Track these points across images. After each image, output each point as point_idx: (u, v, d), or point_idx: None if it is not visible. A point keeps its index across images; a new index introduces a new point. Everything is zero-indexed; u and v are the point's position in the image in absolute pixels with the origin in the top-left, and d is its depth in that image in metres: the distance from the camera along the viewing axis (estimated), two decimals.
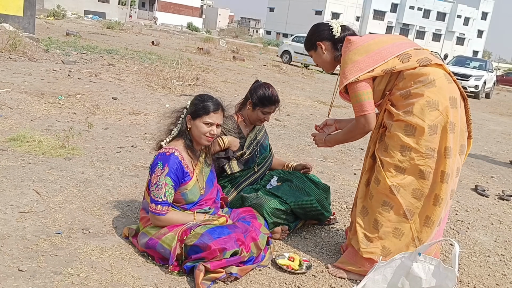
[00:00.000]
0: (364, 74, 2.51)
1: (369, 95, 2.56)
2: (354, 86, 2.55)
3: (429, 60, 2.50)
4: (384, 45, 2.57)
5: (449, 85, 2.49)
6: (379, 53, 2.54)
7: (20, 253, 2.46)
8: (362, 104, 2.56)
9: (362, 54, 2.53)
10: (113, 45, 15.80)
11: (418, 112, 2.41)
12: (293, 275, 2.66)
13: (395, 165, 2.48)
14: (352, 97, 2.59)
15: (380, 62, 2.52)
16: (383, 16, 63.28)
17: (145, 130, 5.47)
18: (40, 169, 3.67)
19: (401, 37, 2.74)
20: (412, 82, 2.48)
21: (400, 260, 2.06)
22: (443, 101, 2.41)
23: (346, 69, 2.56)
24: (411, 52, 2.55)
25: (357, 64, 2.53)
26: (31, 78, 7.37)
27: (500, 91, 27.63)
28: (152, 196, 2.53)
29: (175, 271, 2.48)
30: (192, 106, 2.65)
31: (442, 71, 2.54)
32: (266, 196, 3.09)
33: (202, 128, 2.61)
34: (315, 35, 2.79)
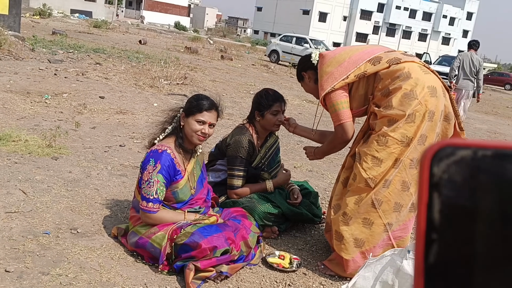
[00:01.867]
0: (339, 82, 2.60)
1: (345, 105, 2.63)
2: (330, 96, 2.64)
3: (398, 60, 2.54)
4: (355, 53, 2.67)
5: (426, 75, 2.52)
6: (350, 61, 2.63)
7: (6, 254, 2.42)
8: (338, 113, 2.65)
9: (335, 65, 2.64)
10: (100, 44, 15.67)
11: (397, 105, 2.44)
12: (284, 273, 2.66)
13: (371, 154, 2.50)
14: (329, 107, 2.68)
15: (353, 68, 2.60)
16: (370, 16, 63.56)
17: (133, 129, 5.43)
18: (26, 169, 3.62)
19: (372, 45, 2.86)
20: (390, 79, 2.51)
21: (389, 256, 2.06)
22: (420, 91, 2.43)
23: (322, 81, 2.67)
24: (382, 55, 2.62)
25: (331, 75, 2.63)
26: (17, 77, 7.28)
27: (485, 90, 27.92)
28: (143, 193, 2.51)
29: (165, 271, 2.47)
30: (187, 104, 2.64)
31: (416, 64, 2.58)
32: (258, 200, 3.08)
33: (194, 126, 2.57)
34: (300, 67, 3.00)
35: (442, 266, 0.34)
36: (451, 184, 0.34)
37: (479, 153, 0.34)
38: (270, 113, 3.12)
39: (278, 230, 3.15)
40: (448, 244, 0.34)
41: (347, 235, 2.59)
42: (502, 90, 32.91)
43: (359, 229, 2.58)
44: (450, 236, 0.34)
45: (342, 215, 2.61)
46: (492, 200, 0.34)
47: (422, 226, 0.35)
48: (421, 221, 0.35)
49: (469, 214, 0.34)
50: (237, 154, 3.08)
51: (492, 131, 10.68)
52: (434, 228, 0.34)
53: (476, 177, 0.34)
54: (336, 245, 2.65)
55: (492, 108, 17.14)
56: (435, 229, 0.34)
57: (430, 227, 0.34)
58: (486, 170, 0.34)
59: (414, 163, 2.50)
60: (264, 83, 12.64)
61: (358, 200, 2.56)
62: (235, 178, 3.11)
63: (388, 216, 2.55)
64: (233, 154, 3.09)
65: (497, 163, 0.34)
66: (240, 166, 3.11)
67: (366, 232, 2.58)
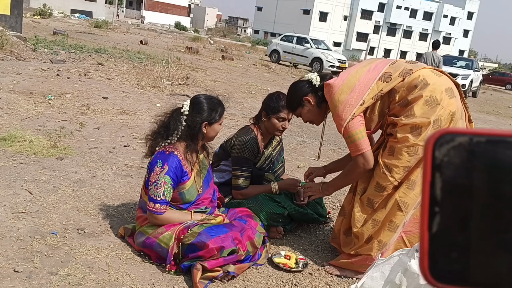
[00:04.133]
0: (357, 108, 2.50)
1: (363, 133, 2.54)
2: (348, 126, 2.53)
3: (410, 70, 2.51)
4: (362, 74, 2.56)
5: (440, 79, 2.52)
6: (361, 84, 2.53)
7: (15, 254, 2.44)
8: (357, 143, 2.54)
9: (347, 91, 2.52)
10: (102, 44, 15.68)
11: (420, 113, 2.41)
12: (290, 273, 2.68)
13: (404, 166, 2.48)
14: (346, 137, 2.57)
15: (366, 91, 2.51)
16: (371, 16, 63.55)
17: (136, 129, 5.44)
18: (32, 169, 3.64)
19: (371, 60, 2.72)
20: (406, 90, 2.48)
21: (398, 257, 2.07)
22: (440, 95, 2.43)
23: (339, 111, 2.53)
24: (389, 69, 2.55)
25: (347, 103, 2.51)
26: (20, 78, 7.29)
27: (486, 90, 27.95)
28: (151, 194, 2.52)
29: (172, 270, 2.49)
30: (210, 113, 2.64)
31: (428, 69, 2.57)
32: (264, 200, 3.09)
33: (219, 129, 2.73)
34: (298, 93, 2.78)
35: (444, 234, 0.41)
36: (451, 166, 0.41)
37: (474, 139, 0.41)
38: (276, 117, 3.10)
39: (284, 230, 3.16)
40: (448, 216, 0.41)
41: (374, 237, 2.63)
42: (503, 90, 32.92)
43: (385, 233, 2.59)
44: (450, 209, 0.41)
45: (372, 222, 2.62)
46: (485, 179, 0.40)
47: (426, 201, 0.41)
48: (425, 197, 0.41)
49: (466, 190, 0.41)
50: (241, 155, 3.10)
51: None
52: (436, 203, 0.41)
53: (471, 159, 0.41)
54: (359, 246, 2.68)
55: (493, 108, 17.15)
56: (437, 203, 0.41)
57: (433, 202, 0.41)
58: (480, 153, 0.41)
59: None
60: (266, 83, 12.66)
61: (385, 203, 2.57)
62: (240, 178, 3.13)
63: (408, 216, 2.59)
64: (238, 155, 3.11)
65: (490, 148, 0.41)
66: (244, 167, 3.12)
67: (390, 235, 2.60)
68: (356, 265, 2.72)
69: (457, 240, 0.41)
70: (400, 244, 2.69)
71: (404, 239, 2.69)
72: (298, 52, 22.01)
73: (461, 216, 0.41)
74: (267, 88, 11.56)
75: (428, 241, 0.41)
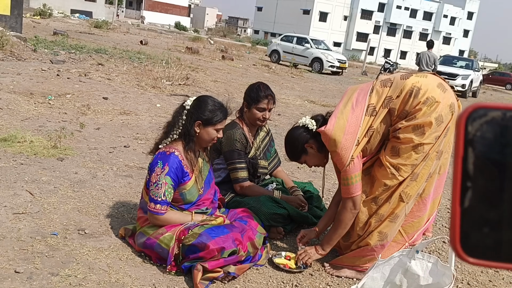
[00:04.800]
0: (354, 150, 2.51)
1: (358, 177, 2.56)
2: (347, 169, 2.54)
3: (391, 98, 2.51)
4: (348, 113, 2.54)
5: (428, 79, 2.54)
6: (351, 124, 2.52)
7: (16, 255, 2.44)
8: (350, 187, 2.56)
9: (340, 135, 2.51)
10: (102, 44, 15.69)
11: (421, 115, 2.43)
12: (290, 274, 2.68)
13: (412, 164, 2.50)
14: (343, 179, 2.58)
15: (357, 130, 2.52)
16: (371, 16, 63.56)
17: (137, 130, 5.45)
18: (32, 170, 3.64)
19: (349, 94, 2.65)
20: (402, 104, 2.49)
21: (398, 257, 2.08)
22: (434, 93, 2.45)
23: (338, 155, 2.53)
24: (372, 101, 2.54)
25: (343, 146, 2.50)
26: (20, 78, 7.29)
27: (486, 90, 27.96)
28: (151, 195, 2.53)
29: (172, 271, 2.49)
30: (203, 113, 2.60)
31: (413, 75, 2.58)
32: (264, 201, 3.09)
33: (213, 135, 2.64)
34: (299, 142, 2.75)
35: (476, 209, 0.41)
36: (483, 141, 0.41)
37: (507, 114, 0.41)
38: (256, 108, 3.15)
39: (284, 231, 3.17)
40: (481, 190, 0.41)
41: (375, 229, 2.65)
42: (503, 90, 32.94)
43: (385, 223, 2.62)
44: (482, 184, 0.41)
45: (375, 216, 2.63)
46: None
47: (458, 176, 0.41)
48: (458, 172, 0.41)
49: (498, 165, 0.40)
50: (232, 148, 3.13)
51: None
52: (468, 178, 0.41)
53: (504, 134, 0.41)
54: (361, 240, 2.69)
55: None
56: (470, 178, 0.41)
57: (465, 176, 0.41)
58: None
59: (439, 154, 2.54)
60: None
61: (389, 197, 2.59)
62: (238, 170, 3.15)
63: (409, 207, 2.61)
64: (229, 149, 3.14)
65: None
66: (239, 159, 3.15)
67: (391, 226, 2.62)
68: (355, 258, 2.73)
69: (489, 215, 0.40)
70: (397, 236, 2.71)
71: (400, 229, 2.70)
72: (298, 52, 22.02)
73: (494, 191, 0.40)
74: None
75: (460, 216, 0.41)
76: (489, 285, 2.92)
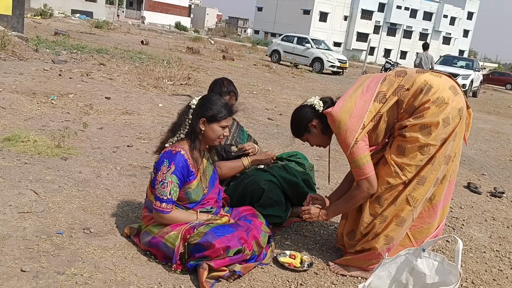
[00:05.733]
0: (359, 133, 2.52)
1: (367, 158, 2.56)
2: (352, 151, 2.54)
3: (402, 87, 2.52)
4: (357, 98, 2.57)
5: (442, 79, 2.55)
6: (358, 107, 2.54)
7: (21, 254, 2.44)
8: (362, 168, 2.55)
9: (347, 117, 2.53)
10: (103, 44, 15.70)
11: (429, 115, 2.44)
12: (295, 273, 2.69)
13: (416, 164, 2.50)
14: (351, 162, 2.59)
15: (365, 114, 2.53)
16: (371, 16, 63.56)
17: (139, 129, 5.45)
18: (37, 169, 3.65)
19: (362, 81, 2.69)
20: (412, 98, 2.50)
21: (404, 256, 2.08)
22: (445, 94, 2.46)
23: (342, 137, 2.55)
24: (383, 88, 2.56)
25: (348, 128, 2.53)
26: (22, 78, 7.30)
27: (486, 90, 27.97)
28: (157, 193, 2.53)
29: (178, 270, 2.49)
30: (207, 110, 2.60)
31: (428, 73, 2.59)
32: (256, 172, 3.19)
33: (219, 132, 2.62)
34: (303, 120, 2.79)
35: None
36: None
37: None
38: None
39: (279, 224, 3.18)
40: None
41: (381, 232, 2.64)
42: (503, 90, 32.95)
43: (392, 227, 2.61)
44: None
45: (380, 218, 2.62)
46: None
47: None
48: None
49: None
50: None
51: (494, 130, 10.70)
52: None
53: None
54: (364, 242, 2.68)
55: (494, 108, 17.16)
56: None
57: None
58: None
59: (447, 159, 2.54)
60: (267, 83, 12.67)
61: (394, 199, 2.59)
62: None
63: (417, 211, 2.61)
64: None
65: None
66: None
67: (398, 230, 2.61)
68: (361, 261, 2.73)
69: None
70: (405, 240, 2.70)
71: (409, 234, 2.70)
72: (299, 52, 22.04)
73: None
74: (268, 88, 11.58)
75: None
76: (493, 284, 2.92)
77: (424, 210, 2.67)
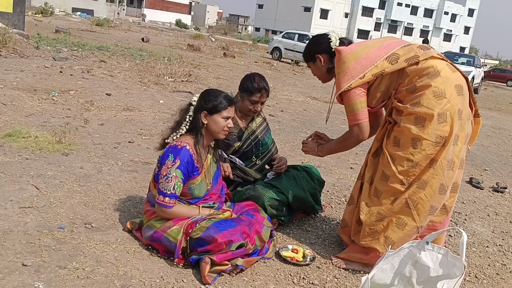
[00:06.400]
0: (355, 81, 2.53)
1: (363, 104, 2.58)
2: (348, 94, 2.57)
3: (417, 58, 2.50)
4: (372, 49, 2.58)
5: (454, 74, 2.51)
6: (367, 58, 2.55)
7: (23, 248, 2.43)
8: (356, 113, 2.59)
9: (351, 62, 2.56)
10: (103, 42, 15.69)
11: (426, 103, 2.41)
12: (298, 267, 2.67)
13: (407, 158, 2.48)
14: (346, 106, 2.61)
15: (370, 66, 2.53)
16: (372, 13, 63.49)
17: (141, 126, 5.44)
18: (38, 165, 3.64)
19: (388, 38, 2.74)
20: (417, 76, 2.48)
21: (408, 249, 2.07)
22: (449, 89, 2.43)
23: (338, 78, 2.60)
24: (399, 51, 2.55)
25: (348, 72, 2.55)
26: (23, 75, 7.29)
27: (488, 87, 27.91)
28: (161, 188, 2.52)
29: (180, 264, 2.48)
30: (207, 103, 2.60)
31: (444, 62, 2.56)
32: (263, 188, 3.09)
33: (221, 123, 2.62)
34: (314, 48, 2.82)
35: None
36: None
37: None
38: (248, 100, 3.15)
39: (280, 223, 3.16)
40: None
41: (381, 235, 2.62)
42: (504, 87, 32.87)
43: (392, 228, 2.59)
44: None
45: (377, 215, 2.61)
46: None
47: None
48: None
49: None
50: None
51: (496, 126, 10.67)
52: None
53: None
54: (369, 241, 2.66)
55: (495, 104, 17.13)
56: None
57: None
58: None
59: (450, 164, 2.48)
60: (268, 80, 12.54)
61: (393, 200, 2.56)
62: None
63: (423, 219, 2.55)
64: None
65: None
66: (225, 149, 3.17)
67: (398, 232, 2.57)
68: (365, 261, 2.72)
69: None
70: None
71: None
72: (300, 49, 21.93)
73: None
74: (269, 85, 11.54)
75: None
76: (496, 278, 2.91)
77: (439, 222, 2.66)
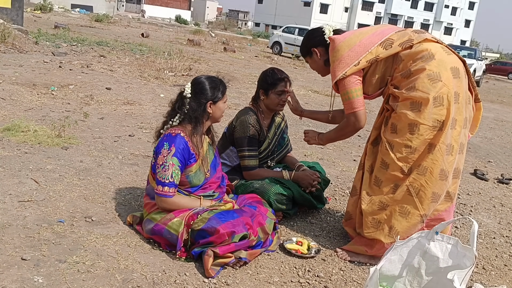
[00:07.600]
0: (350, 68, 2.51)
1: (358, 92, 2.56)
2: (343, 82, 2.55)
3: (411, 41, 2.47)
4: (365, 36, 2.56)
5: (449, 57, 2.46)
6: (361, 45, 2.53)
7: (22, 242, 2.38)
8: (352, 101, 2.57)
9: (345, 49, 2.54)
10: (103, 37, 15.60)
11: (421, 86, 2.37)
12: (302, 259, 2.63)
13: (405, 144, 2.43)
14: (342, 94, 2.60)
15: (364, 53, 2.51)
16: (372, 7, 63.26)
17: (141, 119, 5.39)
18: (37, 159, 3.58)
19: (382, 25, 2.72)
20: (411, 60, 2.45)
21: (417, 239, 2.01)
22: (444, 72, 2.38)
23: (333, 66, 2.58)
24: (393, 36, 2.53)
25: (342, 59, 2.53)
26: (22, 70, 7.23)
27: (489, 80, 27.81)
28: (159, 177, 2.47)
29: (182, 257, 2.43)
30: (211, 93, 2.60)
31: (439, 44, 2.52)
32: (269, 183, 3.04)
33: (224, 107, 2.68)
34: (310, 42, 2.83)
35: None
36: None
37: None
38: (274, 92, 3.10)
39: (286, 215, 3.12)
40: None
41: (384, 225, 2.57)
42: (506, 80, 32.77)
43: (395, 217, 2.53)
44: None
45: (379, 203, 2.56)
46: None
47: None
48: None
49: None
50: (245, 134, 3.07)
51: (498, 119, 10.60)
52: None
53: None
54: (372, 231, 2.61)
55: (497, 97, 17.05)
56: None
57: None
58: None
59: (449, 149, 2.42)
60: None
61: (394, 188, 2.51)
62: (246, 158, 3.10)
63: (426, 207, 2.49)
64: (241, 135, 3.08)
65: None
66: (250, 146, 3.09)
67: (402, 222, 2.51)
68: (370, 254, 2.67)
69: None
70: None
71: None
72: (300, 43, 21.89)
73: None
74: None
75: None
76: (504, 269, 2.86)
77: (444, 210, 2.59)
